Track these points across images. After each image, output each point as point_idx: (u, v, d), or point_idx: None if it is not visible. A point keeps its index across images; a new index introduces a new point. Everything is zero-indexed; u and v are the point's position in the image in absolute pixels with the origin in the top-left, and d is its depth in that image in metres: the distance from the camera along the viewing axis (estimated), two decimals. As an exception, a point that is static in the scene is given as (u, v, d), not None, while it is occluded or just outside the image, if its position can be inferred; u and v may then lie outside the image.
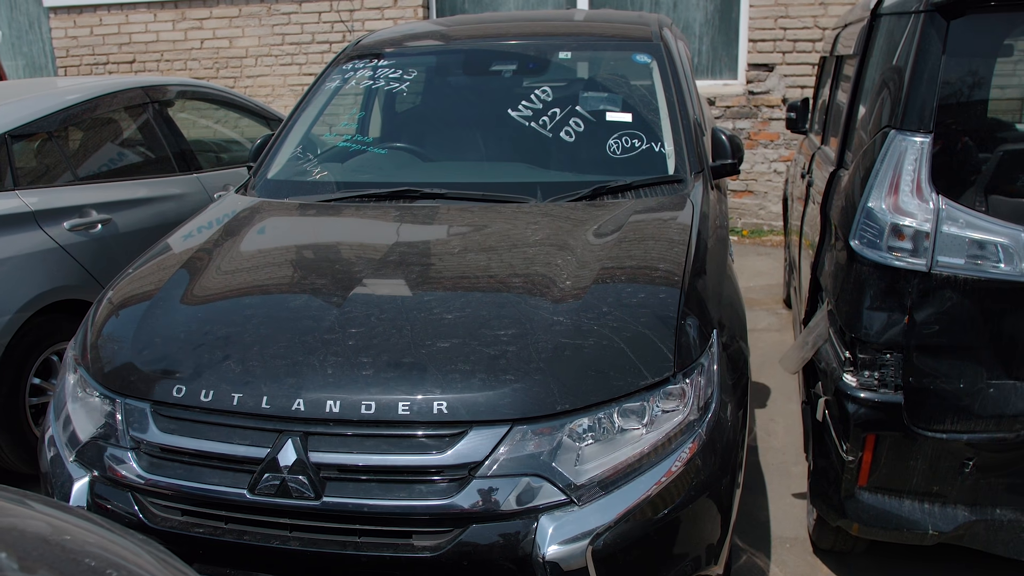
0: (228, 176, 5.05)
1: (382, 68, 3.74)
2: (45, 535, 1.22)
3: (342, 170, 3.49)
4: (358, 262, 2.58)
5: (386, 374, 2.07)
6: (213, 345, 2.27)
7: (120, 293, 2.73)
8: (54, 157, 4.22)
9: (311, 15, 7.97)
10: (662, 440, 2.09)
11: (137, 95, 4.80)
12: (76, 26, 8.63)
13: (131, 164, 4.68)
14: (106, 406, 2.30)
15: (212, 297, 2.53)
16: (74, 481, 2.24)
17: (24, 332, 3.75)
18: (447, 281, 2.45)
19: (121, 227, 4.26)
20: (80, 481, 2.23)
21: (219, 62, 8.33)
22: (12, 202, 3.85)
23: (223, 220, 3.07)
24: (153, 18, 8.39)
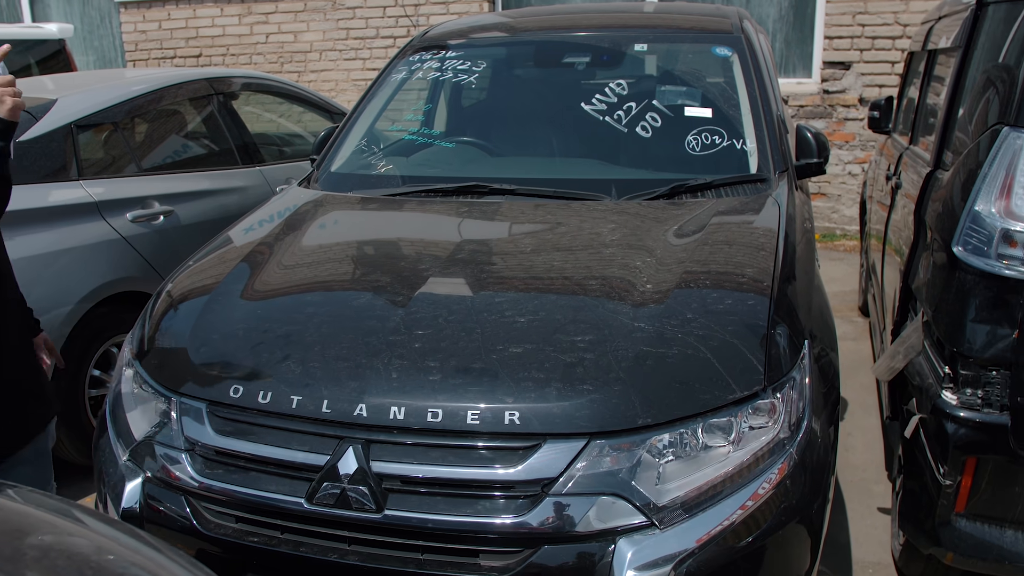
0: (291, 170, 4.99)
1: (450, 60, 3.62)
2: (88, 554, 1.11)
3: (407, 164, 3.38)
4: (424, 260, 2.46)
5: (454, 380, 1.94)
6: (272, 344, 2.16)
7: (179, 286, 2.65)
8: (118, 148, 4.19)
9: (376, 10, 7.91)
10: (750, 460, 1.92)
11: (202, 87, 4.76)
12: (145, 20, 8.70)
13: (194, 156, 4.64)
14: (161, 404, 2.20)
15: (272, 293, 2.42)
16: (127, 482, 2.15)
17: (85, 323, 3.72)
18: (519, 282, 2.31)
19: (183, 219, 4.22)
20: (133, 482, 2.14)
21: (283, 57, 8.32)
22: (76, 192, 3.83)
23: (285, 213, 2.97)
24: (220, 13, 8.41)
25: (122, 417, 2.32)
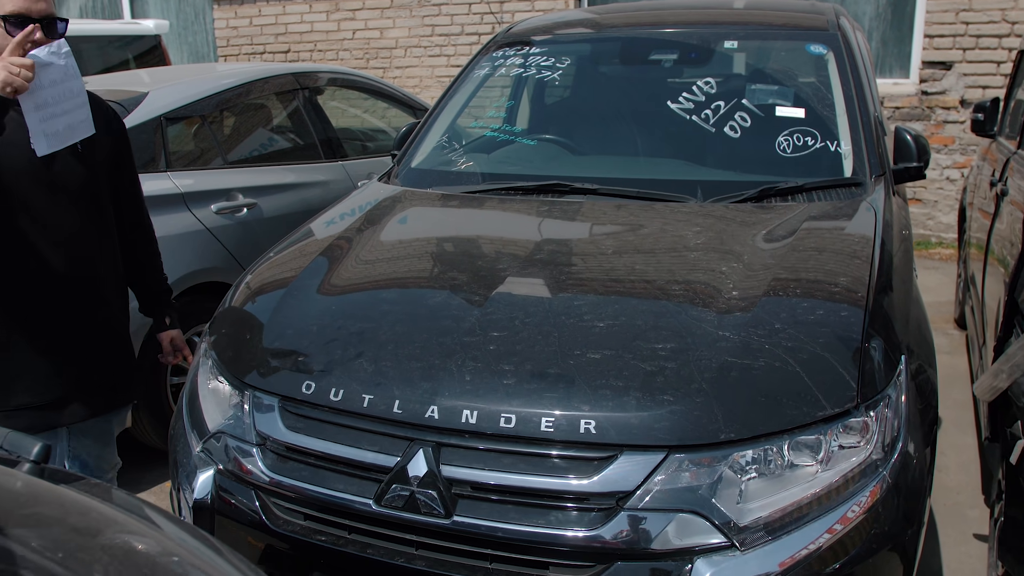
0: (373, 164, 5.00)
1: (533, 56, 3.56)
2: (153, 555, 1.09)
3: (488, 161, 3.33)
4: (502, 259, 2.40)
5: (529, 385, 1.87)
6: (346, 341, 2.14)
7: (258, 278, 2.66)
8: (206, 140, 4.26)
9: (461, 6, 7.91)
10: (839, 481, 1.81)
11: (288, 81, 4.81)
12: (237, 16, 8.88)
13: (278, 149, 4.69)
14: (234, 397, 2.20)
15: (348, 288, 2.40)
16: (199, 473, 2.15)
17: (168, 312, 3.78)
18: (598, 285, 2.23)
19: (266, 212, 4.26)
20: (205, 473, 2.14)
21: (369, 52, 8.39)
22: (164, 183, 3.89)
23: (364, 208, 2.95)
24: (308, 9, 8.53)
25: (197, 407, 2.33)
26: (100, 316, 2.34)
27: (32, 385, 2.22)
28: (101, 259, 2.34)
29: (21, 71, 1.91)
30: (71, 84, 2.04)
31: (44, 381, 2.23)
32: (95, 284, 2.32)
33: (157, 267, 2.63)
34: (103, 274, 2.35)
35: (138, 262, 2.56)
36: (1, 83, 1.90)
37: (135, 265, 2.55)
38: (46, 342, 2.23)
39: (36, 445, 1.24)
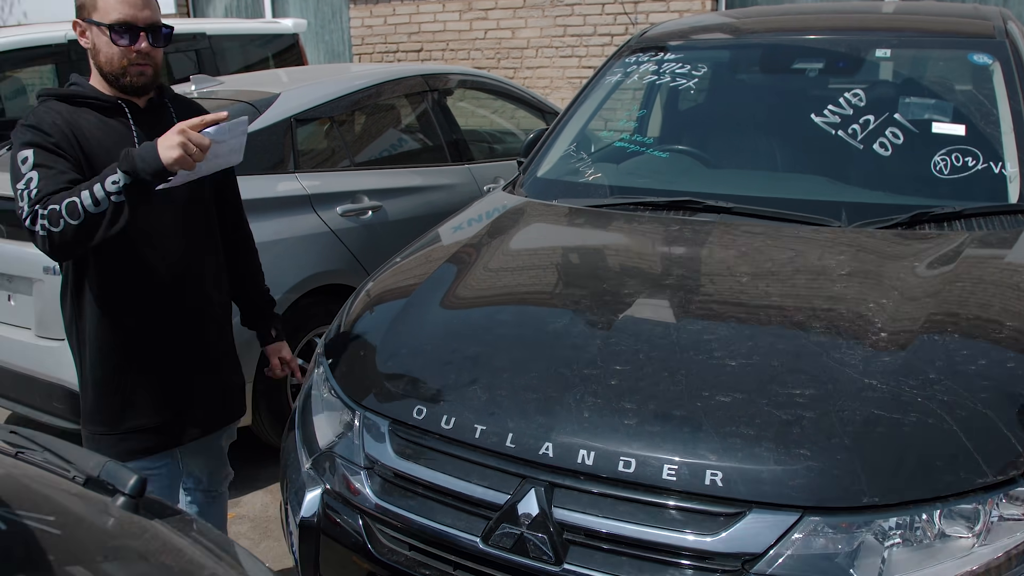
0: (500, 168, 4.94)
1: (668, 62, 3.40)
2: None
3: (617, 173, 3.20)
4: (627, 284, 2.26)
5: (651, 427, 1.74)
6: (460, 365, 2.06)
7: (379, 286, 2.64)
8: (334, 142, 4.29)
9: (594, 6, 7.77)
10: (1000, 559, 1.60)
11: (417, 83, 4.80)
12: (372, 16, 9.01)
13: (405, 152, 4.68)
14: (346, 415, 2.16)
15: (466, 307, 2.33)
16: (307, 491, 2.12)
17: (291, 312, 3.81)
18: (731, 317, 2.07)
19: (390, 214, 4.25)
20: (312, 492, 2.10)
21: (500, 52, 8.36)
22: (291, 184, 3.93)
23: (485, 220, 2.88)
24: (441, 8, 8.57)
25: (309, 421, 2.30)
26: (208, 334, 2.31)
27: (144, 408, 2.20)
28: (208, 275, 2.30)
29: (196, 152, 1.81)
30: (232, 157, 1.96)
31: (155, 403, 2.21)
32: (203, 301, 2.28)
33: (259, 279, 2.56)
34: (210, 291, 2.31)
35: (240, 274, 2.50)
36: (173, 160, 1.79)
37: (237, 277, 2.49)
38: (156, 364, 2.20)
39: (132, 478, 1.21)
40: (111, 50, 2.02)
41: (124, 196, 1.83)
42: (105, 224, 1.84)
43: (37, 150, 1.94)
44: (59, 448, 1.31)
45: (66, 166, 1.94)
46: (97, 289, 2.12)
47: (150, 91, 2.14)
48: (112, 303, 2.13)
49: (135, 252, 2.11)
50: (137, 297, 2.14)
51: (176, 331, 2.21)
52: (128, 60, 2.03)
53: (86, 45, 2.07)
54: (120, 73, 2.04)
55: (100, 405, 2.19)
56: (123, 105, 2.09)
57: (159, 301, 2.17)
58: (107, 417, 2.19)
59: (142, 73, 2.06)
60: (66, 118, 2.01)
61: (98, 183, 1.83)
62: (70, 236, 1.84)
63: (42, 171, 1.91)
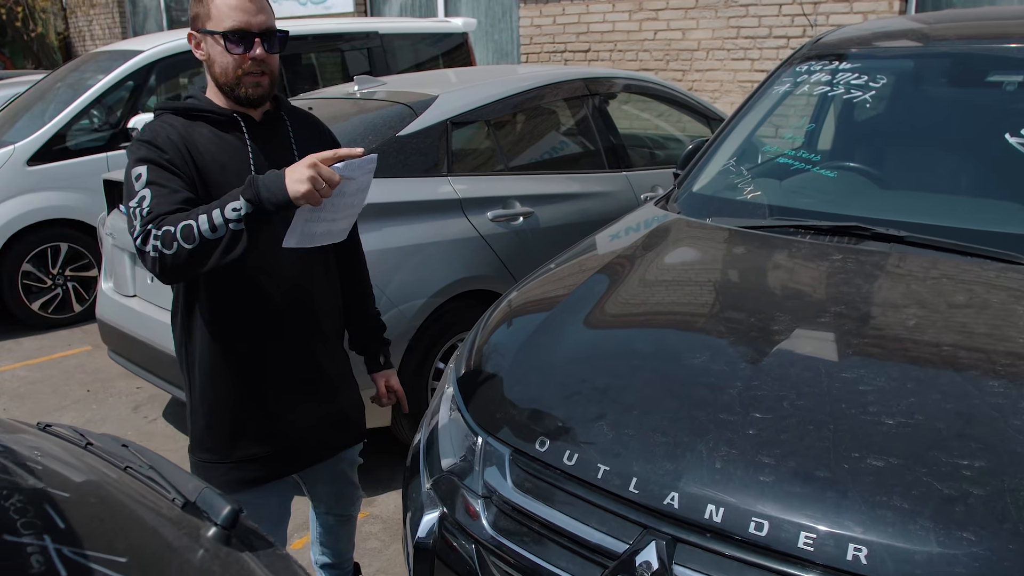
0: (658, 177, 4.77)
1: (843, 72, 3.13)
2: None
3: (778, 191, 2.98)
4: (776, 319, 2.07)
5: (790, 487, 1.57)
6: (589, 397, 1.94)
7: (521, 297, 2.58)
8: (489, 146, 4.25)
9: (770, 7, 7.41)
10: None
11: (578, 87, 4.70)
12: (541, 15, 8.98)
13: (560, 157, 4.60)
14: (469, 438, 2.09)
15: (599, 333, 2.21)
16: (425, 512, 2.06)
17: (436, 316, 3.81)
18: (893, 367, 1.84)
19: (542, 221, 4.17)
20: (431, 514, 2.04)
21: (669, 54, 8.13)
22: (444, 188, 3.92)
23: (633, 238, 2.74)
24: (611, 8, 8.43)
25: (435, 438, 2.25)
26: (321, 359, 2.21)
27: (255, 436, 2.12)
28: (322, 300, 2.20)
29: (324, 188, 1.71)
30: (357, 198, 1.85)
31: (266, 432, 2.13)
32: (316, 327, 2.19)
33: (370, 301, 2.45)
34: (323, 316, 2.21)
35: (350, 296, 2.38)
36: (301, 194, 1.70)
37: (347, 299, 2.38)
38: (267, 391, 2.12)
39: (225, 508, 1.17)
40: (226, 59, 1.95)
41: (243, 225, 1.75)
42: (220, 251, 1.77)
43: (151, 167, 1.88)
44: (164, 468, 1.29)
45: (179, 184, 1.88)
46: (208, 314, 2.06)
47: (266, 102, 2.06)
48: (223, 328, 2.07)
49: (247, 277, 2.03)
50: (248, 323, 2.07)
51: (288, 358, 2.14)
52: (243, 69, 1.95)
53: (201, 57, 2.01)
54: (235, 84, 1.97)
55: (210, 432, 2.13)
56: (238, 119, 2.02)
57: (271, 327, 2.10)
58: (216, 444, 2.12)
59: (258, 84, 1.98)
60: (180, 132, 1.95)
61: (217, 208, 1.76)
62: (183, 260, 1.77)
63: (155, 189, 1.84)
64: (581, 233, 4.15)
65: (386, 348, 2.46)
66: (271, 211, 1.75)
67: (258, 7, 1.96)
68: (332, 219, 1.84)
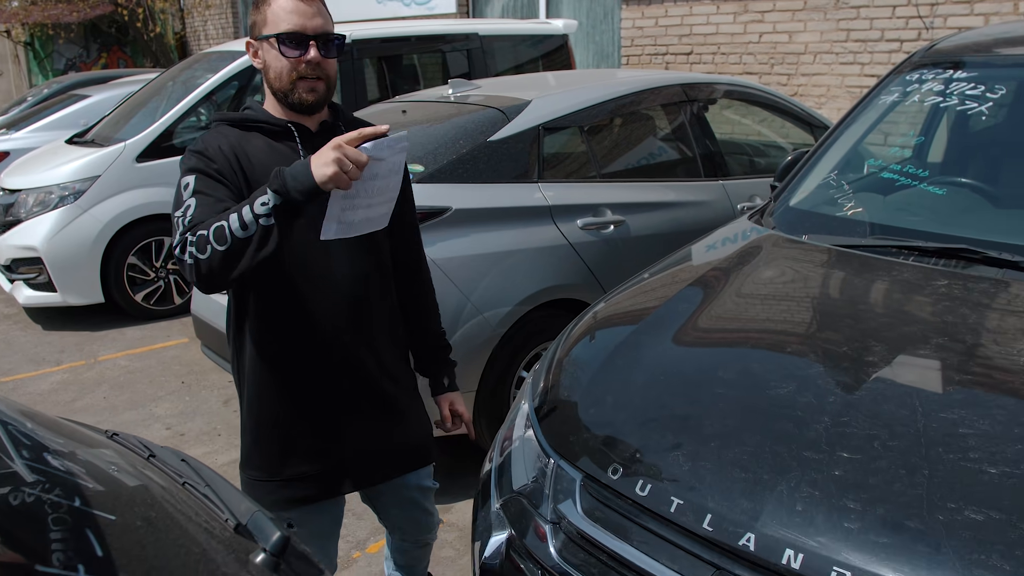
0: (756, 186, 4.62)
1: (958, 81, 2.95)
2: None
3: (881, 208, 2.82)
4: (871, 349, 1.94)
5: (877, 536, 1.46)
6: (666, 424, 1.86)
7: (608, 309, 2.52)
8: (581, 152, 4.18)
9: (883, 9, 7.10)
10: None
11: (675, 93, 4.58)
12: (643, 17, 8.84)
13: (655, 164, 4.49)
14: (541, 459, 2.03)
15: (681, 356, 2.12)
16: (493, 532, 2.01)
17: (521, 324, 3.76)
18: (1000, 411, 1.69)
19: (632, 230, 4.08)
20: (498, 535, 1.99)
21: (774, 58, 7.89)
22: (533, 195, 3.87)
23: (722, 256, 2.63)
24: (716, 10, 8.23)
25: (507, 455, 2.20)
26: (375, 376, 2.10)
27: (304, 454, 2.05)
28: (378, 316, 2.10)
29: (352, 169, 1.64)
30: (390, 180, 1.76)
31: (316, 451, 2.05)
32: (372, 345, 2.09)
33: (434, 320, 2.32)
34: (381, 333, 2.11)
35: (412, 313, 2.27)
36: (327, 178, 1.63)
37: (409, 317, 2.27)
38: (317, 409, 2.04)
39: (275, 535, 1.14)
40: (280, 63, 1.90)
41: (273, 219, 1.68)
42: (253, 250, 1.70)
43: (199, 176, 1.84)
44: (219, 487, 1.28)
45: (225, 194, 1.84)
46: (256, 327, 2.00)
47: (321, 109, 2.00)
48: (270, 342, 2.01)
49: (296, 289, 1.96)
50: (296, 337, 2.00)
51: (339, 374, 2.04)
52: (298, 73, 1.90)
53: (258, 65, 1.97)
54: (290, 89, 1.92)
55: (257, 448, 2.07)
56: (292, 128, 1.97)
57: (320, 342, 2.01)
58: (264, 461, 2.07)
59: (313, 89, 1.92)
60: (232, 143, 1.91)
61: (247, 205, 1.70)
62: (217, 263, 1.71)
63: (200, 198, 1.81)
64: (673, 243, 4.04)
65: (451, 369, 2.34)
66: (300, 200, 1.68)
67: (315, 11, 1.91)
68: (368, 204, 1.76)
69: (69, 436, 1.41)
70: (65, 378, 5.26)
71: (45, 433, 1.33)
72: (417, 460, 2.24)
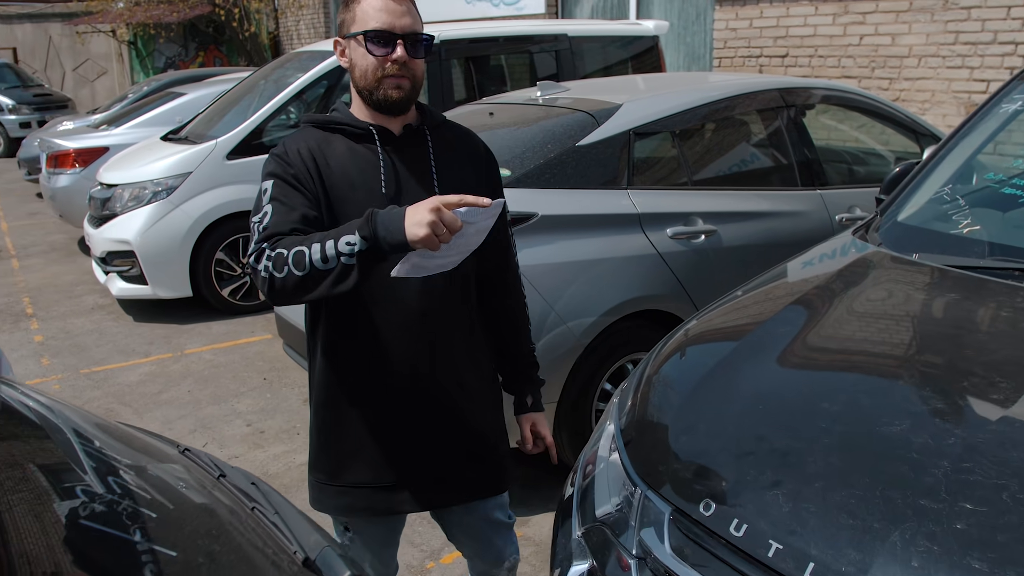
0: (856, 196, 4.40)
1: (1088, 89, 2.72)
2: None
3: (1000, 226, 2.61)
4: (997, 386, 1.76)
5: (1007, 603, 1.31)
6: (765, 459, 1.72)
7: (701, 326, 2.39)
8: (672, 158, 4.04)
9: (997, 10, 6.73)
10: None
11: (772, 98, 4.40)
12: (737, 18, 8.60)
13: (749, 172, 4.31)
14: (627, 487, 1.91)
15: (782, 382, 1.97)
16: (573, 563, 1.91)
17: (605, 335, 3.65)
18: None
19: (724, 240, 3.92)
20: (579, 566, 1.89)
21: (875, 61, 7.57)
22: (622, 202, 3.75)
23: (823, 275, 2.47)
24: (814, 11, 7.94)
25: (591, 480, 2.10)
26: (449, 394, 2.01)
27: (369, 464, 1.99)
28: (456, 328, 2.01)
29: (444, 234, 1.59)
30: (474, 239, 1.71)
31: (377, 463, 1.99)
32: (446, 363, 1.99)
33: (524, 336, 2.20)
34: (459, 351, 2.02)
35: (500, 328, 2.17)
36: (419, 239, 1.59)
37: (496, 332, 2.17)
38: (381, 422, 1.98)
39: (345, 573, 1.06)
40: (366, 61, 1.86)
41: (355, 260, 1.65)
42: (329, 283, 1.67)
43: (277, 182, 1.83)
44: (289, 516, 1.21)
45: (301, 201, 1.81)
46: (326, 337, 1.97)
47: (407, 111, 1.94)
48: (339, 350, 1.97)
49: (369, 299, 1.91)
50: (365, 348, 1.94)
51: (408, 389, 1.97)
52: (383, 71, 1.85)
53: (345, 64, 1.93)
54: (375, 87, 1.87)
55: (322, 452, 2.04)
56: (374, 132, 1.91)
57: (389, 356, 1.94)
58: (327, 465, 2.03)
59: (398, 86, 1.87)
60: (312, 146, 1.89)
61: (332, 240, 1.66)
62: (291, 286, 1.69)
63: (276, 205, 1.79)
64: (767, 254, 3.87)
65: (536, 388, 2.22)
66: (386, 250, 1.65)
67: (404, 10, 1.87)
68: (446, 255, 1.71)
69: (142, 451, 1.36)
70: (152, 370, 5.36)
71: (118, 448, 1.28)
72: (485, 488, 2.12)
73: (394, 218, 1.63)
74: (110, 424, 1.38)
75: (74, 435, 1.20)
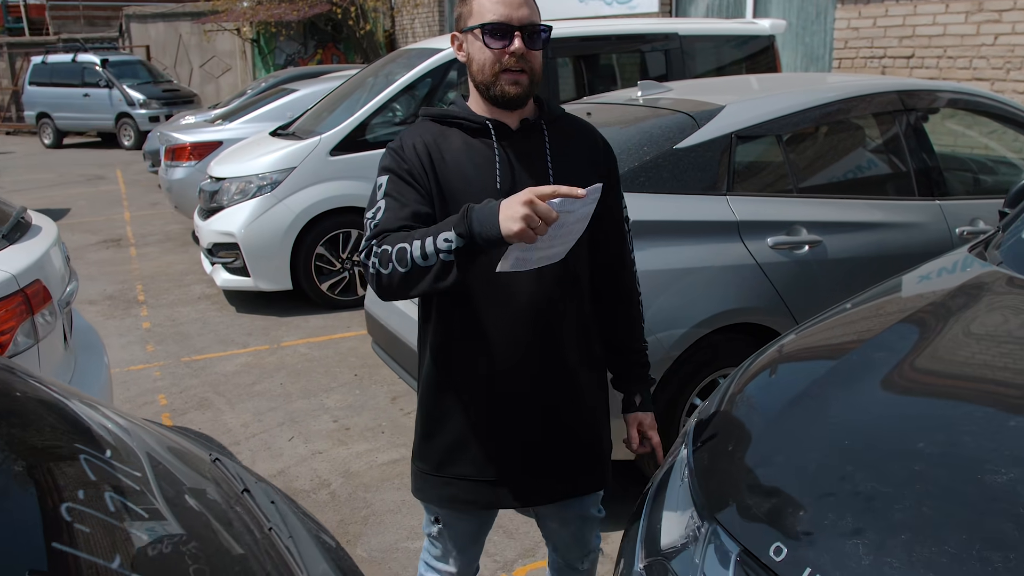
0: (980, 208, 4.08)
1: None
2: None
3: None
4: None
5: None
6: (846, 502, 1.55)
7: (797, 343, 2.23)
8: (777, 164, 3.82)
9: None
10: None
11: (890, 101, 4.11)
12: (860, 17, 8.19)
13: (860, 179, 4.05)
14: (694, 520, 1.77)
15: (874, 415, 1.79)
16: (637, 600, 1.78)
17: (697, 347, 3.48)
18: None
19: (830, 252, 3.68)
20: (641, 604, 1.76)
21: (1011, 62, 7.06)
22: (720, 208, 3.57)
23: (932, 289, 2.26)
24: (944, 9, 7.47)
25: (659, 506, 1.97)
26: (558, 393, 1.97)
27: (469, 459, 1.98)
28: (568, 324, 1.97)
29: (540, 226, 1.54)
30: (576, 226, 1.66)
31: (480, 457, 1.97)
32: (554, 359, 1.95)
33: (637, 333, 2.15)
34: (568, 348, 1.97)
35: (613, 324, 2.12)
36: (514, 233, 1.55)
37: (609, 328, 2.12)
38: (486, 416, 1.96)
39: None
40: (483, 55, 1.84)
41: (454, 257, 1.64)
42: (430, 279, 1.67)
43: (391, 177, 1.84)
44: (302, 542, 1.14)
45: (414, 197, 1.81)
46: (435, 326, 1.97)
47: (524, 105, 1.90)
48: (447, 343, 1.96)
49: (478, 294, 1.89)
50: (473, 343, 1.93)
51: (516, 385, 1.94)
52: (501, 65, 1.82)
53: (462, 58, 1.92)
54: (492, 81, 1.84)
55: (425, 442, 2.05)
56: (490, 126, 1.89)
57: (498, 351, 1.92)
58: (430, 455, 2.03)
59: (516, 82, 1.83)
60: (428, 140, 1.88)
61: (431, 237, 1.66)
62: (396, 282, 1.71)
63: (389, 202, 1.80)
64: (876, 269, 3.62)
65: (646, 387, 2.16)
66: (483, 246, 1.62)
67: (521, 1, 1.83)
68: (548, 246, 1.65)
69: (179, 459, 1.31)
70: (248, 361, 5.45)
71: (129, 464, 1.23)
72: (586, 486, 2.09)
73: (489, 213, 1.60)
74: (144, 423, 1.33)
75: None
